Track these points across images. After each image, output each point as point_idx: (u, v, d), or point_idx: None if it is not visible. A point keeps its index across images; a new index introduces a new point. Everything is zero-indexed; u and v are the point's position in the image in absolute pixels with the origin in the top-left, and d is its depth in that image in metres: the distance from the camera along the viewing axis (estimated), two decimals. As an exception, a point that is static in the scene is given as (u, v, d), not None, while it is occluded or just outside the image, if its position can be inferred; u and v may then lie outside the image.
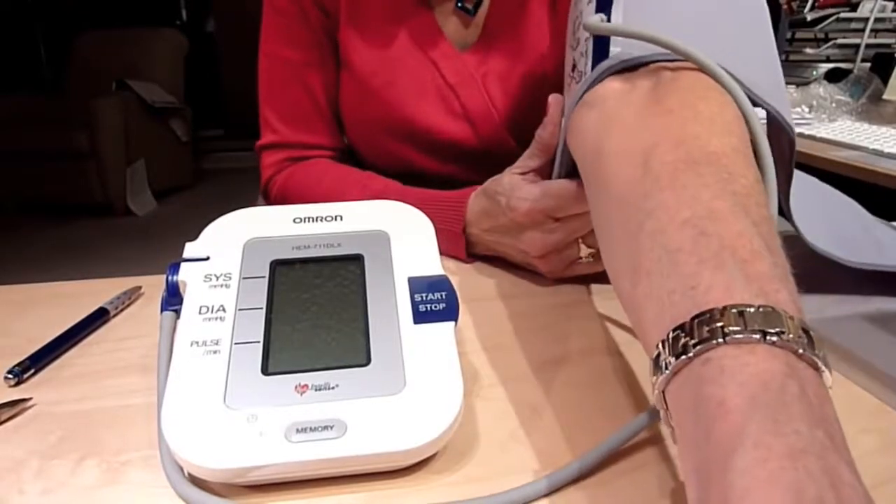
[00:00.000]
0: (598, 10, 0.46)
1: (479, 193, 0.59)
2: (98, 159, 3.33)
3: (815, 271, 0.57)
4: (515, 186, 0.54)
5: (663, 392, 0.27)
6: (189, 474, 0.32)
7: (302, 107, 0.76)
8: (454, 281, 0.40)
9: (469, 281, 0.57)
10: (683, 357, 0.25)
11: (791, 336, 0.23)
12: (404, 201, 0.47)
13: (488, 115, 0.70)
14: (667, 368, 0.25)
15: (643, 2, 0.45)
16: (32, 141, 3.32)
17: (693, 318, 0.25)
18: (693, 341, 0.24)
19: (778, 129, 0.46)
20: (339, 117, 0.79)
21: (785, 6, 1.98)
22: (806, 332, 0.24)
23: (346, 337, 0.36)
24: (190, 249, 0.41)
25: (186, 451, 0.30)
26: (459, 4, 0.69)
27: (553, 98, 0.54)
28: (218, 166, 4.40)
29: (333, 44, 0.74)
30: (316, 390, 0.33)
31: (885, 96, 1.65)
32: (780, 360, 0.23)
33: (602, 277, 0.57)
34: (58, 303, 0.53)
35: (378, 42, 0.70)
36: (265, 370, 0.34)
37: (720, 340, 0.24)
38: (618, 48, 0.42)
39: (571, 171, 0.50)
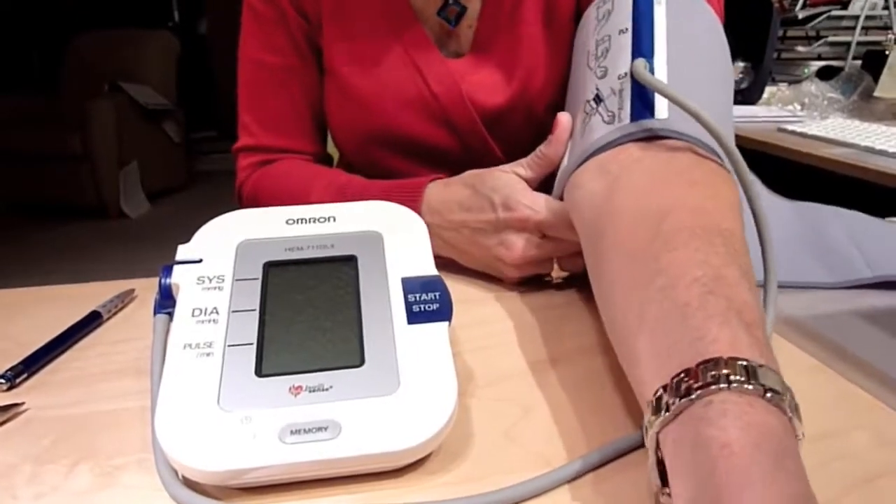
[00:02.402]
0: (635, 48, 0.46)
1: (454, 182, 0.58)
2: (91, 161, 3.33)
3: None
4: (517, 189, 0.53)
5: (657, 434, 0.28)
6: (183, 477, 0.32)
7: (280, 112, 0.75)
8: (447, 281, 0.40)
9: (463, 281, 0.57)
10: (685, 399, 0.26)
11: (787, 400, 0.25)
12: (367, 193, 0.47)
13: (471, 123, 0.70)
14: (667, 410, 0.26)
15: (680, 57, 0.45)
16: (25, 143, 3.31)
17: (698, 364, 0.26)
18: (697, 384, 0.26)
19: None
20: (320, 122, 0.78)
21: (776, 4, 1.98)
22: (796, 404, 0.26)
23: (340, 338, 0.36)
24: (183, 252, 0.41)
25: (180, 454, 0.30)
26: (440, 15, 0.69)
27: (563, 117, 0.54)
28: (211, 168, 4.39)
29: (314, 49, 0.74)
30: (310, 391, 0.33)
31: (876, 93, 1.66)
32: (776, 418, 0.25)
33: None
34: (50, 306, 0.53)
35: (362, 49, 0.70)
36: (259, 372, 0.34)
37: (723, 386, 0.25)
38: (664, 113, 0.43)
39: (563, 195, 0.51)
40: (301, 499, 0.32)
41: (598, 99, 0.48)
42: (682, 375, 0.27)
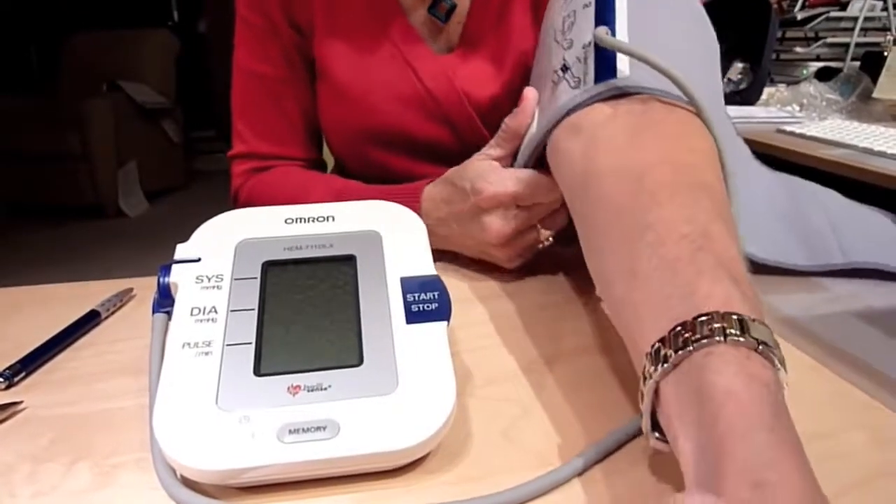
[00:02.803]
0: (598, 18, 0.47)
1: (439, 182, 0.60)
2: (89, 161, 3.32)
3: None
4: (483, 171, 0.55)
5: (657, 383, 0.29)
6: (181, 476, 0.32)
7: (273, 121, 0.76)
8: (446, 280, 0.40)
9: (461, 280, 0.57)
10: (683, 351, 0.27)
11: (777, 354, 0.27)
12: (365, 196, 0.47)
13: (467, 118, 0.70)
14: (666, 361, 0.27)
15: (643, 23, 0.47)
16: (23, 143, 3.30)
17: (695, 318, 0.27)
18: (695, 337, 0.27)
19: None
20: (313, 131, 0.79)
21: (775, 5, 1.99)
22: (782, 357, 0.27)
23: (339, 337, 0.36)
24: (181, 251, 0.41)
25: (179, 453, 0.30)
26: (431, 12, 0.69)
27: (529, 91, 0.55)
28: (210, 167, 4.38)
29: (306, 61, 0.75)
30: (308, 391, 0.33)
31: (874, 95, 1.66)
32: (770, 371, 0.26)
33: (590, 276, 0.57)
34: (49, 305, 0.53)
35: (356, 50, 0.71)
36: (257, 371, 0.34)
37: (720, 339, 0.26)
38: (626, 70, 0.44)
39: (536, 164, 0.53)
40: (299, 498, 0.32)
41: (564, 68, 0.49)
42: (679, 329, 0.28)
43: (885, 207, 0.63)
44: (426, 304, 0.38)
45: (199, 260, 0.40)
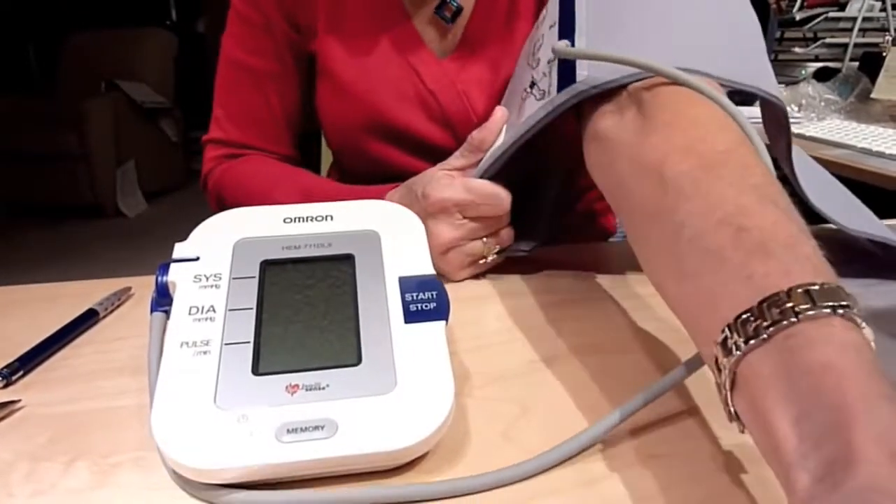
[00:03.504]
0: (561, 36, 0.49)
1: (402, 186, 0.60)
2: (88, 160, 3.31)
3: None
4: (435, 178, 0.55)
5: (733, 373, 0.27)
6: (179, 475, 0.32)
7: (254, 112, 0.76)
8: (444, 280, 0.40)
9: (459, 280, 0.57)
10: (757, 339, 0.26)
11: (855, 310, 0.25)
12: (332, 197, 0.47)
13: (468, 120, 0.71)
14: (738, 350, 0.26)
15: (603, 23, 0.47)
16: (22, 142, 3.29)
17: (761, 302, 0.26)
18: (766, 323, 0.26)
19: (770, 104, 0.49)
20: (292, 127, 0.79)
21: (774, 6, 1.99)
22: (861, 308, 0.26)
23: (337, 337, 0.36)
24: (179, 250, 0.41)
25: (177, 452, 0.30)
26: (438, 13, 0.70)
27: (499, 109, 0.57)
28: (209, 167, 4.37)
29: (298, 59, 0.75)
30: (307, 390, 0.33)
31: (873, 95, 1.66)
32: (854, 331, 0.25)
33: (588, 275, 0.57)
34: (47, 304, 0.53)
35: (359, 50, 0.71)
36: (255, 370, 0.34)
37: (793, 320, 0.25)
38: (584, 71, 0.45)
39: (494, 178, 0.54)
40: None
41: (532, 84, 0.51)
42: (747, 315, 0.27)
43: (884, 207, 0.63)
44: (424, 303, 0.38)
45: (197, 259, 0.40)
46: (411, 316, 0.37)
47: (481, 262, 0.57)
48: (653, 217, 0.36)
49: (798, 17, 1.98)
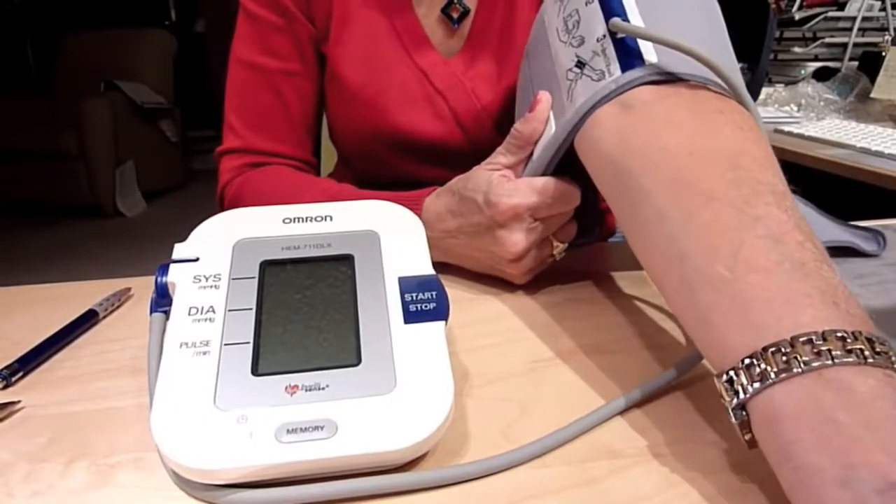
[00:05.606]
0: (606, 11, 0.45)
1: (443, 192, 0.57)
2: (87, 160, 3.32)
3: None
4: (495, 183, 0.52)
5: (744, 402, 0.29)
6: (178, 475, 0.32)
7: (271, 115, 0.74)
8: (444, 280, 0.40)
9: (459, 280, 0.57)
10: (788, 373, 0.27)
11: (893, 358, 0.28)
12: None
13: (477, 117, 0.71)
14: (763, 380, 0.28)
15: (656, 8, 0.45)
16: (21, 142, 3.30)
17: (792, 339, 0.28)
18: (804, 359, 0.27)
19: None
20: (312, 130, 0.77)
21: (773, 5, 1.99)
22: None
23: (337, 337, 0.36)
24: (179, 250, 0.41)
25: (176, 453, 0.30)
26: (445, 13, 0.70)
27: (543, 94, 0.52)
28: (208, 167, 4.35)
29: (318, 54, 0.73)
30: (306, 391, 0.33)
31: (872, 95, 1.66)
32: (881, 378, 0.27)
33: (588, 275, 0.57)
34: (46, 305, 0.53)
35: (366, 53, 0.70)
36: (255, 371, 0.34)
37: (828, 362, 0.27)
38: (653, 58, 0.42)
39: (553, 171, 0.51)
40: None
41: (580, 64, 0.47)
42: (777, 350, 0.28)
43: (883, 207, 0.63)
44: (424, 303, 0.38)
45: (196, 259, 0.40)
46: (411, 316, 0.37)
47: (549, 259, 0.55)
48: (712, 198, 0.35)
49: (797, 16, 1.98)
